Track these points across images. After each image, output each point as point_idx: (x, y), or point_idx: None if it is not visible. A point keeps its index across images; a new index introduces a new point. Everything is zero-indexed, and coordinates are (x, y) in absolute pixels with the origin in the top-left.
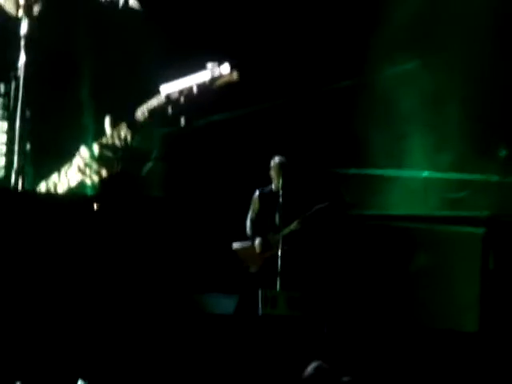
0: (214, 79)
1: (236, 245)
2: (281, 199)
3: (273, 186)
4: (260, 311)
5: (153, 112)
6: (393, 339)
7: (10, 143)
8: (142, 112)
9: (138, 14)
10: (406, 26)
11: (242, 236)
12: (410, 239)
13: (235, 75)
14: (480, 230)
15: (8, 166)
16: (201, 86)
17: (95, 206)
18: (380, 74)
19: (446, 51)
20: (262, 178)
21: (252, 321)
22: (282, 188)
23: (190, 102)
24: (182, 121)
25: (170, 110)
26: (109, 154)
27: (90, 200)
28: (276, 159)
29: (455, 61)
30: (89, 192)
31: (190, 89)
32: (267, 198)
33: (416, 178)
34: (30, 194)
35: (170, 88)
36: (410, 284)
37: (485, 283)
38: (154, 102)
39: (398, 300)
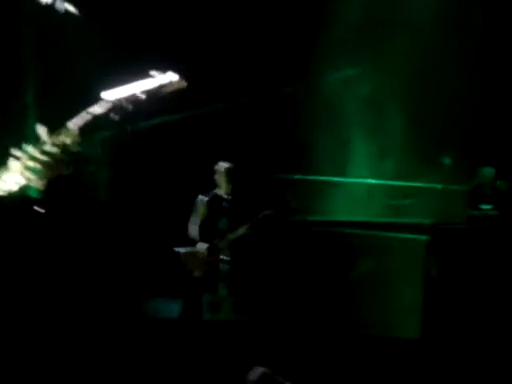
0: (162, 86)
1: (180, 249)
2: (227, 205)
3: (217, 191)
4: (204, 316)
5: (96, 118)
6: (335, 345)
7: None
8: (82, 118)
9: (78, 18)
10: (350, 31)
11: (185, 240)
12: (352, 245)
13: (184, 83)
14: (423, 237)
15: None
16: (149, 93)
17: (39, 209)
18: (323, 80)
19: (389, 57)
20: (204, 182)
21: (196, 325)
22: (232, 194)
23: (138, 108)
24: (128, 128)
25: (115, 116)
26: (49, 157)
27: (33, 202)
28: (223, 164)
29: (399, 67)
30: (32, 194)
31: (137, 96)
32: (214, 204)
33: (360, 184)
34: None
35: (114, 95)
36: (352, 290)
37: (427, 290)
38: (97, 109)
39: (341, 305)
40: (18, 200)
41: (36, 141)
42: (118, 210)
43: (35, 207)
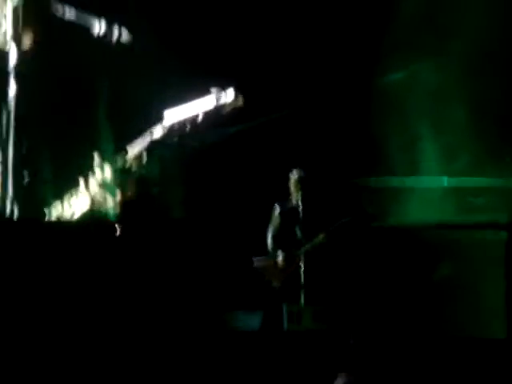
0: (219, 106)
1: (256, 260)
2: (301, 213)
3: (293, 200)
4: (285, 326)
5: (155, 141)
6: (420, 350)
7: (4, 172)
8: (143, 141)
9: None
10: (412, 26)
11: (264, 252)
12: (432, 247)
13: (241, 100)
14: (503, 235)
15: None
16: (206, 113)
17: (118, 230)
18: (390, 77)
19: (454, 51)
20: (281, 192)
21: (278, 336)
22: (302, 202)
23: (195, 129)
24: (194, 143)
25: (175, 138)
26: (123, 177)
27: (112, 225)
28: (294, 173)
29: (464, 60)
30: (109, 216)
31: (196, 117)
32: (288, 213)
33: (436, 185)
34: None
35: (173, 114)
36: (434, 293)
37: (510, 288)
38: (157, 131)
39: (424, 310)
40: (98, 223)
41: (110, 161)
42: (194, 226)
43: (117, 228)
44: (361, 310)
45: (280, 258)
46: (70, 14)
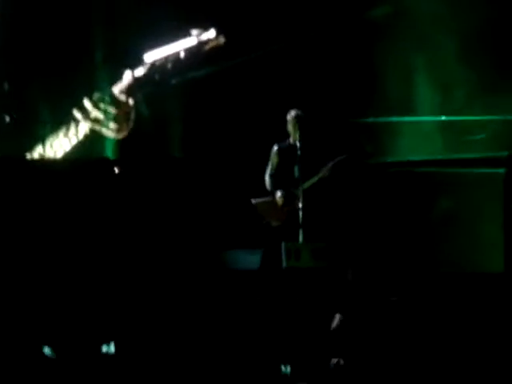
0: (201, 44)
1: (255, 200)
2: (299, 152)
3: (291, 140)
4: (284, 264)
5: (138, 80)
6: (419, 286)
7: None
8: (126, 80)
9: None
10: None
11: (263, 191)
12: (430, 184)
13: (222, 39)
14: (501, 170)
15: None
16: (188, 52)
17: (116, 170)
18: (379, 10)
19: None
20: (281, 132)
21: (277, 274)
22: (300, 141)
23: (177, 67)
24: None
25: (156, 76)
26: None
27: (111, 163)
28: (292, 112)
29: None
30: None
31: (177, 55)
32: (286, 152)
33: (433, 121)
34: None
35: (154, 55)
36: (433, 229)
37: (508, 223)
38: (139, 71)
39: (423, 246)
40: (98, 162)
41: (99, 100)
42: (193, 165)
43: (114, 168)
44: (360, 247)
45: (279, 196)
46: None
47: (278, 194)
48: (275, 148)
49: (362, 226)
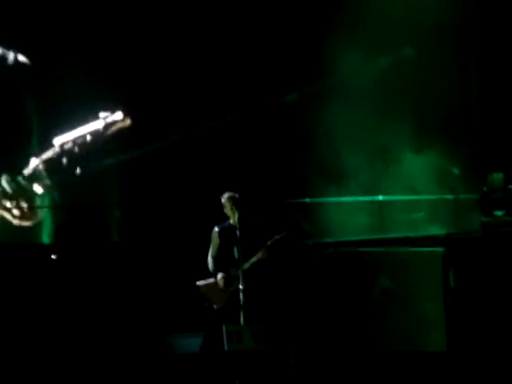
0: (107, 126)
1: (200, 282)
2: (238, 233)
3: (231, 221)
4: (226, 347)
5: (48, 163)
6: (360, 365)
7: None
8: (36, 164)
9: (28, 68)
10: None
11: (206, 274)
12: (369, 263)
13: (128, 121)
14: (439, 249)
15: None
16: (94, 134)
17: (53, 256)
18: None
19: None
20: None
21: (218, 357)
22: (239, 221)
23: (84, 150)
24: (78, 170)
25: (64, 160)
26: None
27: (46, 249)
28: (225, 195)
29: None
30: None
31: (84, 137)
32: (227, 233)
33: (371, 201)
34: None
35: (63, 139)
36: (374, 308)
37: (448, 301)
38: (49, 154)
39: (364, 325)
40: (32, 247)
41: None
42: (133, 250)
43: (52, 255)
44: (300, 327)
45: (219, 278)
46: None
47: (219, 276)
48: (216, 230)
49: (302, 308)
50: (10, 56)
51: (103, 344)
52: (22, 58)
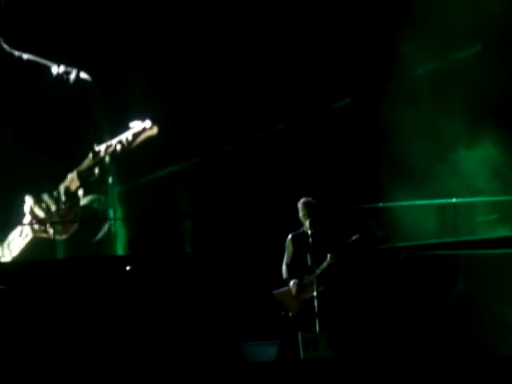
0: (135, 135)
1: (275, 291)
2: (310, 239)
3: (304, 228)
4: (302, 355)
5: (80, 175)
6: (438, 369)
7: None
8: (71, 176)
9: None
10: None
11: (280, 281)
12: (448, 266)
13: (155, 129)
14: None
15: None
16: (123, 143)
17: (128, 267)
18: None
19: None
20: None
21: (295, 365)
22: (311, 228)
23: (116, 159)
24: (110, 179)
25: (96, 170)
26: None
27: (121, 261)
28: (302, 200)
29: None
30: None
31: (114, 147)
32: (300, 240)
33: (445, 204)
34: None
35: (98, 148)
36: (451, 312)
37: None
38: (84, 165)
39: (440, 329)
40: (107, 260)
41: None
42: (210, 261)
43: (127, 266)
44: (377, 332)
45: (291, 285)
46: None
47: (291, 283)
48: (290, 237)
49: (378, 313)
50: (73, 73)
51: (179, 353)
52: (83, 74)
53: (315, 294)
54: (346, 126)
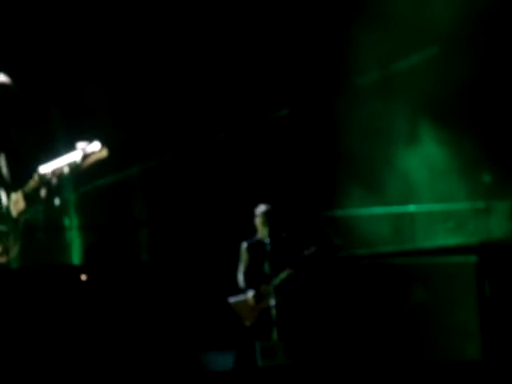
0: (84, 157)
1: (231, 299)
2: (269, 248)
3: (258, 236)
4: (259, 363)
5: (30, 193)
6: (399, 377)
7: None
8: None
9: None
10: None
11: (235, 290)
12: (402, 275)
13: (105, 152)
14: (472, 258)
15: None
16: (72, 165)
17: (83, 277)
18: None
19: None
20: (248, 228)
21: (252, 374)
22: (269, 236)
23: (62, 181)
24: (57, 201)
25: (43, 191)
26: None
27: (76, 270)
28: (261, 207)
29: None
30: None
31: (61, 169)
32: (256, 249)
33: (402, 213)
34: None
35: (45, 169)
36: (408, 320)
37: (483, 311)
38: (30, 184)
39: (399, 337)
40: (62, 269)
41: None
42: (162, 269)
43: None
44: (334, 342)
45: (250, 295)
46: None
47: (250, 292)
48: (245, 245)
49: (335, 322)
50: None
51: (135, 363)
52: (1, 77)
53: (273, 303)
54: (295, 132)
